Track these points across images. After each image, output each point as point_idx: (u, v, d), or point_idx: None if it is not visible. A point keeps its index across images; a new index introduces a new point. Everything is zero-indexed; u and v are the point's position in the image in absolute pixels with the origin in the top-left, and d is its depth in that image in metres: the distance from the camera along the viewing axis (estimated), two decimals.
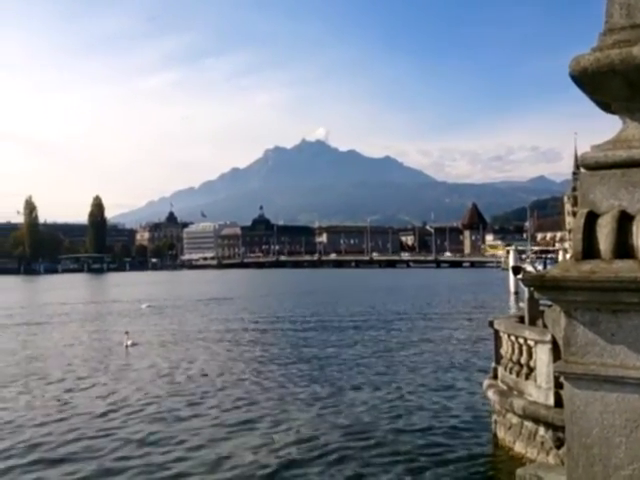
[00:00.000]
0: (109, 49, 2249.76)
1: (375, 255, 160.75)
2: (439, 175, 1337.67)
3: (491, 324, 10.65)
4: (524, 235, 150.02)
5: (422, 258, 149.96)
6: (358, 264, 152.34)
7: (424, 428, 10.74)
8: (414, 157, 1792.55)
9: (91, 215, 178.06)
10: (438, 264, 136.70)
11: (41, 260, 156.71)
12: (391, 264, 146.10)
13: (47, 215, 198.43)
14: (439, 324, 26.56)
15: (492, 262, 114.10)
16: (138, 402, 12.34)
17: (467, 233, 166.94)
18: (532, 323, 9.70)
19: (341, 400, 12.75)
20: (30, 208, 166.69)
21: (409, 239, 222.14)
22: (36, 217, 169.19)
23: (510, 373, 9.55)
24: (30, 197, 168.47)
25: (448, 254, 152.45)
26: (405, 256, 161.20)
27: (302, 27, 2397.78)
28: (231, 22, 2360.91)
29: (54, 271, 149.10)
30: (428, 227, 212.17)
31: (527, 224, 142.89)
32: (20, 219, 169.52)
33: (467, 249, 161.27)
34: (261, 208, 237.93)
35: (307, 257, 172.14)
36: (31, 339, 22.79)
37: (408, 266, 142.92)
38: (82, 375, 15.28)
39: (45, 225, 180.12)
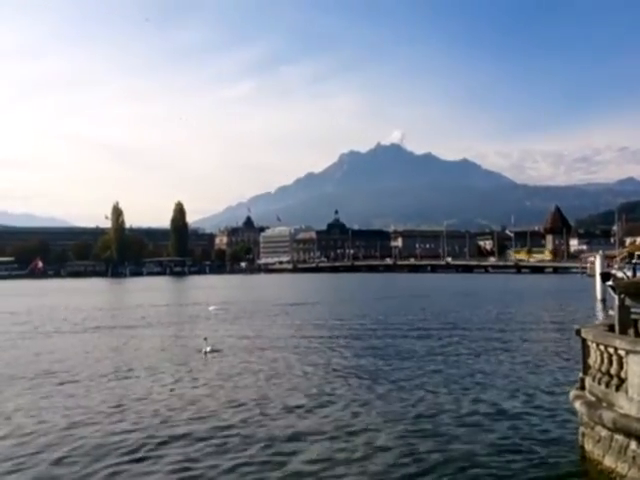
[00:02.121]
0: (188, 59, 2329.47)
1: (449, 259, 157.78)
2: (519, 178, 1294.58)
3: (578, 332, 10.25)
4: (611, 240, 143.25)
5: (501, 263, 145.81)
6: (434, 269, 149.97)
7: (505, 438, 10.46)
8: (493, 159, 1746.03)
9: (173, 220, 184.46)
10: (518, 269, 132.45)
11: (127, 263, 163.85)
12: (468, 269, 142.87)
13: (132, 220, 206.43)
14: (521, 331, 25.71)
15: (577, 268, 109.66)
16: (226, 412, 12.23)
17: (549, 238, 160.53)
18: (623, 332, 9.27)
19: (420, 408, 12.58)
20: (117, 213, 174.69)
21: (487, 244, 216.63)
22: (122, 222, 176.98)
23: (599, 384, 9.17)
24: (117, 203, 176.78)
25: (531, 259, 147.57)
26: (483, 261, 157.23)
27: (377, 30, 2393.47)
28: (306, 29, 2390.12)
29: (139, 274, 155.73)
30: (508, 231, 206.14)
31: (615, 228, 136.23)
32: (108, 224, 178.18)
33: (549, 254, 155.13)
34: (336, 212, 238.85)
35: (382, 261, 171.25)
36: (113, 343, 23.07)
37: (486, 271, 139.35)
38: (166, 382, 15.34)
39: (131, 230, 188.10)
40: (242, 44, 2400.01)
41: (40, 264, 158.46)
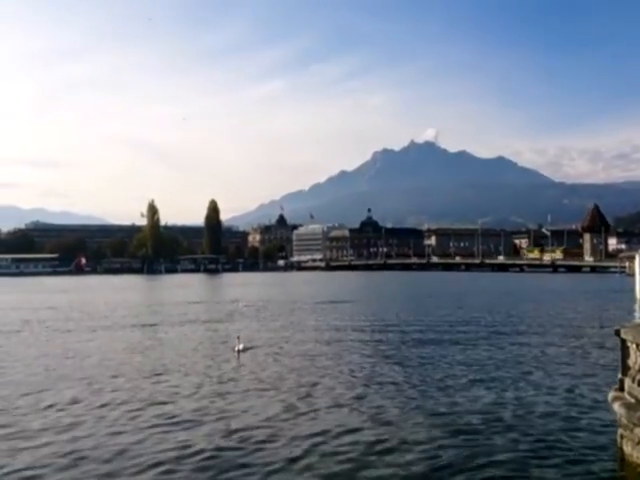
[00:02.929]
0: (222, 59, 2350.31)
1: (484, 258, 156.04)
2: (556, 175, 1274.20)
3: (617, 333, 10.00)
4: None
5: (537, 262, 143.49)
6: (468, 267, 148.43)
7: (541, 440, 10.26)
8: (528, 156, 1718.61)
9: (207, 218, 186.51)
10: (555, 268, 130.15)
11: (162, 260, 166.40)
12: (503, 268, 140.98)
13: (168, 218, 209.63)
14: (559, 330, 25.25)
15: (615, 267, 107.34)
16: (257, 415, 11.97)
17: (587, 236, 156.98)
18: None
19: (456, 408, 12.45)
20: (152, 211, 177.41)
21: (523, 242, 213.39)
22: (158, 220, 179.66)
23: (638, 385, 8.95)
24: (152, 201, 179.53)
25: (545, 257, 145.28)
26: (518, 259, 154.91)
27: (409, 27, 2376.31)
28: (339, 26, 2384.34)
29: (174, 271, 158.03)
30: (544, 230, 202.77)
31: None
32: (144, 222, 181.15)
33: (587, 253, 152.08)
34: (369, 210, 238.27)
35: (415, 260, 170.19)
36: (147, 341, 23.22)
37: (521, 270, 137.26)
38: (198, 380, 15.23)
39: (166, 227, 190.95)
40: (275, 42, 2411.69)
41: (83, 261, 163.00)
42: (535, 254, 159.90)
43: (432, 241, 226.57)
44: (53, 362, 18.17)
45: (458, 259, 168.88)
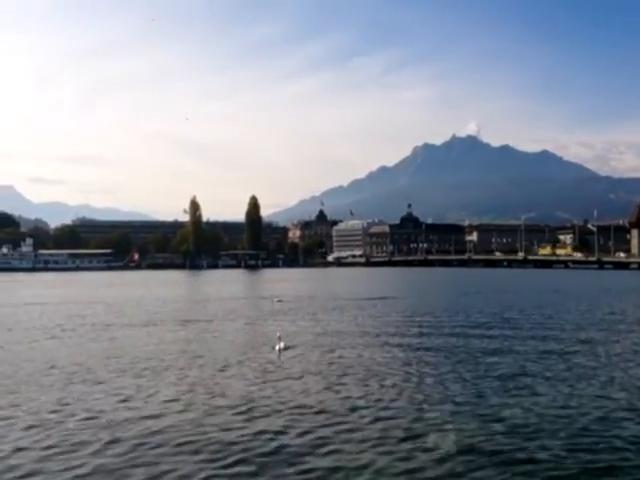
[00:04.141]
0: (261, 56, 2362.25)
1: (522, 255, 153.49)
2: (603, 169, 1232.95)
3: None
4: None
5: (582, 259, 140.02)
6: (510, 264, 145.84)
7: (604, 442, 9.87)
8: (574, 150, 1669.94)
9: (248, 214, 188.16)
10: (601, 265, 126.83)
11: (203, 256, 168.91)
12: (547, 264, 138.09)
13: (209, 214, 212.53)
14: (615, 327, 24.30)
15: None
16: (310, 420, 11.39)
17: (635, 232, 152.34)
18: None
19: (518, 408, 11.96)
20: (194, 207, 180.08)
21: (568, 238, 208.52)
22: (200, 216, 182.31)
23: None
24: (194, 197, 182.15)
25: (622, 254, 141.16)
26: (563, 256, 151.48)
27: (450, 19, 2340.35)
28: (378, 19, 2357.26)
29: (215, 266, 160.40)
30: (590, 225, 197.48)
31: None
32: (186, 218, 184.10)
33: (635, 249, 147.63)
34: (409, 206, 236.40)
35: (456, 256, 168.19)
36: (190, 336, 23.27)
37: (566, 267, 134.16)
38: (243, 379, 14.87)
39: (207, 223, 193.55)
40: (314, 38, 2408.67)
41: (136, 256, 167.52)
42: (547, 251, 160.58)
43: (473, 237, 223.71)
44: (119, 355, 18.51)
45: (498, 254, 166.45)
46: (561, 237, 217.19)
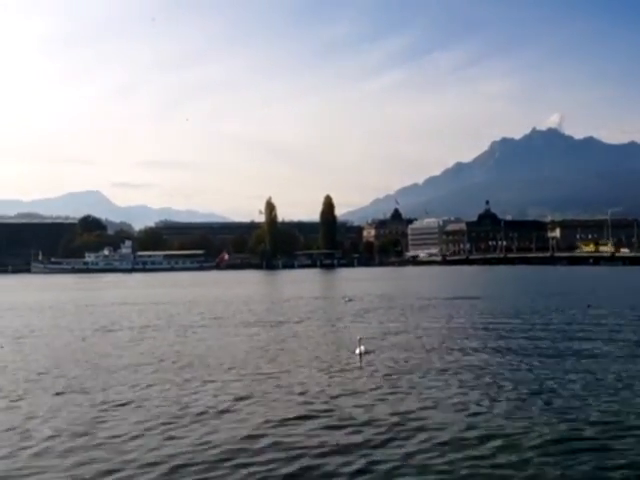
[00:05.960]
0: (334, 55, 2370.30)
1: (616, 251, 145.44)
2: None
3: None
4: None
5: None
6: (597, 261, 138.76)
7: None
8: None
9: (322, 214, 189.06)
10: None
11: (279, 256, 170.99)
12: (637, 261, 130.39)
13: (285, 214, 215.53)
14: None
15: None
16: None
17: None
18: None
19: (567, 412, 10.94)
20: (270, 208, 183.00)
21: None
22: (275, 216, 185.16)
23: None
24: (270, 198, 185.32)
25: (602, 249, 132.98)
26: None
27: (526, 9, 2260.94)
28: (454, 12, 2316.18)
29: (291, 266, 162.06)
30: None
31: None
32: (262, 218, 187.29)
33: None
34: (487, 203, 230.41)
35: (537, 254, 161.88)
36: (271, 338, 22.88)
37: None
38: (327, 386, 14.05)
39: (282, 223, 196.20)
40: (389, 34, 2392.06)
41: (226, 257, 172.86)
42: (590, 247, 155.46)
43: (556, 234, 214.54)
44: (209, 354, 18.79)
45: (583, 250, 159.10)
46: None
